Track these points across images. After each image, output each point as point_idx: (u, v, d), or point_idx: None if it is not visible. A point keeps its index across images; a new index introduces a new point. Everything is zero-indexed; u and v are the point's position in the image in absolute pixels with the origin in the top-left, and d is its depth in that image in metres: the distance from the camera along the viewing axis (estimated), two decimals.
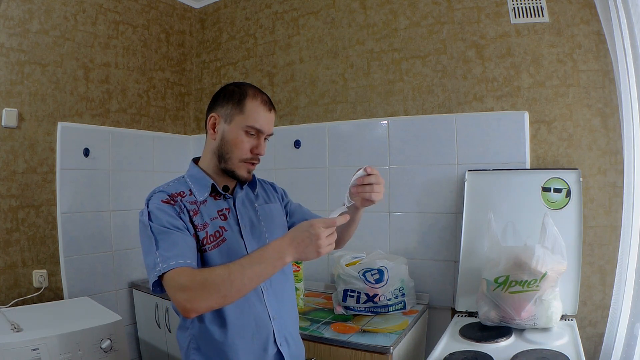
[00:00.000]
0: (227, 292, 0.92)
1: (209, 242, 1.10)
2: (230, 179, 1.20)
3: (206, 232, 1.10)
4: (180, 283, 0.94)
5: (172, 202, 1.09)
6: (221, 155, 1.16)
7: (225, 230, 1.13)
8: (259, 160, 1.18)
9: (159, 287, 1.00)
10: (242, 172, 1.16)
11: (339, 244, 1.28)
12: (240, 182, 1.21)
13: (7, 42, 2.02)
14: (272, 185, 1.40)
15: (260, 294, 1.15)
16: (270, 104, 1.18)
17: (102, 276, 2.37)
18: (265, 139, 1.18)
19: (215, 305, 0.96)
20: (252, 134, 1.14)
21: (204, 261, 1.08)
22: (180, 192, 1.14)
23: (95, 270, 2.33)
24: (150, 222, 1.05)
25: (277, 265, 0.94)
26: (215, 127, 1.17)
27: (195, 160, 1.26)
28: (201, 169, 1.21)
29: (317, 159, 2.40)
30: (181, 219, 1.07)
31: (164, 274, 0.96)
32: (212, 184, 1.17)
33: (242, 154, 1.14)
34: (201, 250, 1.09)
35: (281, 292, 1.21)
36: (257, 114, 1.14)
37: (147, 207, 1.09)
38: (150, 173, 2.66)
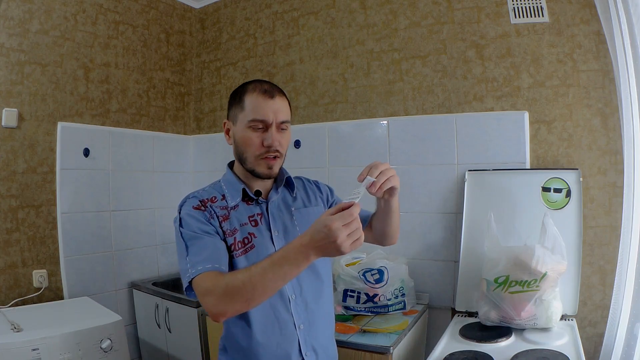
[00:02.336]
0: (250, 295, 0.89)
1: (237, 248, 1.08)
2: (265, 182, 1.17)
3: (234, 238, 1.08)
4: (206, 288, 0.94)
5: (202, 208, 1.09)
6: (240, 158, 1.15)
7: (255, 237, 1.10)
8: (277, 152, 1.12)
9: (191, 291, 1.00)
10: (261, 168, 1.12)
11: (384, 239, 1.24)
12: (262, 178, 1.15)
13: (7, 42, 2.02)
14: (317, 185, 1.35)
15: (287, 302, 1.11)
16: (271, 92, 1.12)
17: (102, 276, 2.37)
18: (281, 128, 1.12)
19: (241, 309, 0.93)
20: (259, 128, 1.09)
21: (233, 268, 1.06)
22: (212, 198, 1.13)
23: (95, 270, 2.33)
24: (181, 229, 1.06)
25: (302, 265, 0.87)
26: (229, 133, 1.17)
27: (231, 165, 1.24)
28: (234, 173, 1.19)
29: (317, 159, 2.40)
30: (211, 224, 1.07)
31: (193, 279, 0.97)
32: (243, 189, 1.15)
33: (254, 150, 1.10)
34: (230, 256, 1.07)
35: (314, 299, 1.15)
36: (257, 105, 1.09)
37: (179, 213, 1.10)
38: (150, 173, 2.66)
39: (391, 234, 1.22)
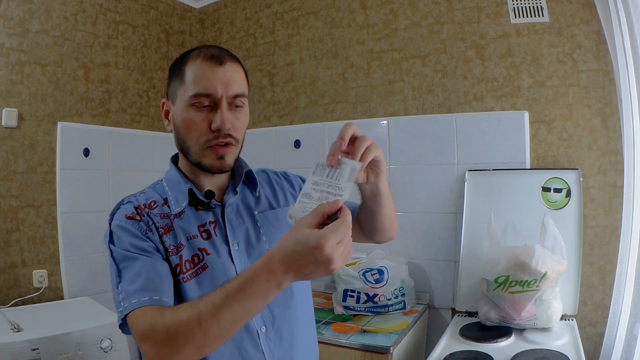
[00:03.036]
0: (202, 341, 0.65)
1: (185, 270, 0.82)
2: (218, 179, 0.92)
3: (180, 256, 0.82)
4: (142, 331, 0.71)
5: (137, 217, 0.84)
6: (182, 148, 0.89)
7: (208, 254, 0.84)
8: (231, 137, 0.85)
9: (127, 330, 0.78)
10: (209, 160, 0.85)
11: (378, 234, 0.97)
12: (212, 172, 0.88)
13: (7, 42, 2.02)
14: (286, 177, 1.07)
15: (256, 337, 0.84)
16: (220, 57, 0.84)
17: (102, 276, 2.37)
18: (235, 105, 0.85)
19: (193, 358, 0.68)
20: (205, 106, 0.83)
21: (180, 296, 0.81)
22: (150, 203, 0.88)
23: (95, 270, 2.33)
24: (111, 246, 0.82)
25: (271, 296, 0.64)
26: (168, 116, 0.91)
27: (175, 159, 0.98)
28: (178, 169, 0.94)
29: (317, 159, 2.39)
30: (149, 238, 0.82)
31: (126, 315, 0.74)
32: (190, 190, 0.88)
33: (198, 136, 0.83)
34: (175, 281, 0.81)
35: (290, 329, 0.88)
36: (201, 74, 0.82)
37: (110, 225, 0.84)
38: (150, 173, 2.66)
39: (387, 226, 0.95)
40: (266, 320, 0.86)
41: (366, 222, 0.96)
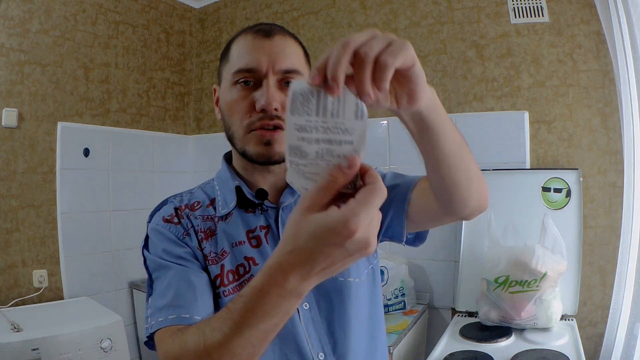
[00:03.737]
0: None
1: (227, 282, 0.71)
2: (275, 176, 0.78)
3: (222, 265, 0.72)
4: (162, 354, 0.62)
5: (175, 220, 0.75)
6: (229, 137, 0.77)
7: (256, 264, 0.72)
8: (280, 119, 0.70)
9: (154, 348, 0.68)
10: (252, 147, 0.72)
11: (448, 200, 0.66)
12: (257, 163, 0.74)
13: (7, 42, 2.02)
14: None
15: (297, 317, 0.71)
16: (269, 30, 0.73)
17: (102, 276, 2.37)
18: (286, 82, 0.71)
19: None
20: (247, 83, 0.71)
21: None
22: (193, 203, 0.78)
23: (95, 270, 2.33)
24: (145, 252, 0.74)
25: (292, 308, 0.48)
26: (218, 103, 0.81)
27: (229, 156, 0.85)
28: (230, 166, 0.82)
29: None
30: (186, 244, 0.73)
31: (153, 333, 0.66)
32: (237, 187, 0.77)
33: (241, 118, 0.72)
34: (215, 294, 0.71)
35: (355, 355, 0.73)
36: (245, 48, 0.72)
37: (147, 227, 0.77)
38: (150, 173, 2.66)
39: (462, 184, 0.63)
40: (325, 347, 0.72)
41: (433, 180, 0.65)
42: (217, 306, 0.70)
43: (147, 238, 0.75)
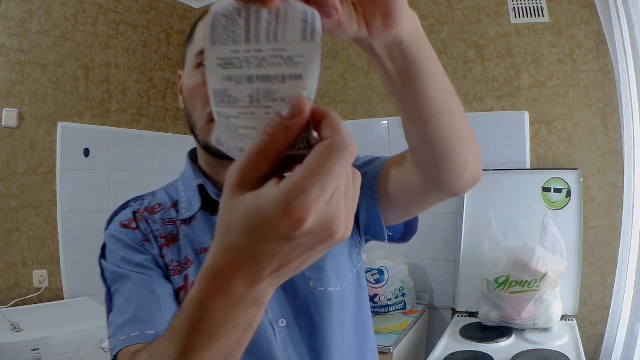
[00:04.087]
0: None
1: None
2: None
3: (185, 276, 0.64)
4: None
5: (133, 224, 0.67)
6: (190, 127, 0.69)
7: None
8: None
9: None
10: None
11: (434, 169, 0.54)
12: (218, 157, 0.67)
13: (7, 42, 2.02)
14: None
15: (273, 337, 0.62)
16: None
17: None
18: None
19: None
20: None
21: None
22: (154, 206, 0.71)
23: (95, 271, 2.30)
24: (102, 261, 0.66)
25: (255, 318, 0.35)
26: (181, 90, 0.72)
27: (194, 152, 0.78)
28: (194, 164, 0.74)
29: None
30: (146, 250, 0.65)
31: (116, 355, 0.56)
32: (200, 186, 0.69)
33: (203, 105, 0.64)
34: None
35: (329, 327, 0.65)
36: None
37: (105, 234, 0.69)
38: (150, 173, 2.66)
39: (451, 145, 0.52)
40: (287, 318, 0.64)
41: (417, 145, 0.53)
42: None
43: (103, 246, 0.67)
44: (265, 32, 0.30)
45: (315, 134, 0.30)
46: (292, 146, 0.29)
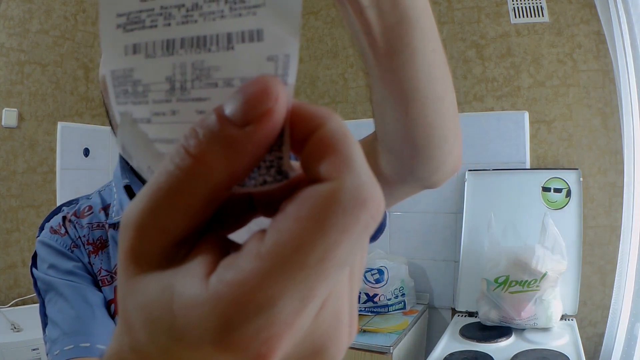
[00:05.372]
0: None
1: None
2: None
3: (115, 288, 0.58)
4: None
5: (62, 230, 0.63)
6: (110, 122, 0.65)
7: None
8: None
9: None
10: None
11: (411, 156, 0.42)
12: None
13: (7, 42, 2.02)
14: None
15: None
16: None
17: None
18: None
19: None
20: None
21: None
22: (84, 209, 0.66)
23: None
24: (34, 270, 0.62)
25: None
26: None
27: None
28: (127, 163, 0.68)
29: None
30: (76, 257, 0.61)
31: None
32: (127, 186, 0.65)
33: None
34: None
35: None
36: None
37: (36, 241, 0.65)
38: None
39: (441, 125, 0.41)
40: None
41: (393, 129, 0.41)
42: None
43: (35, 255, 0.62)
44: None
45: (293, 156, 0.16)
46: (245, 178, 0.16)
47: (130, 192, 0.63)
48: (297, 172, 0.16)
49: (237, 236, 0.17)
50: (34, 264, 0.62)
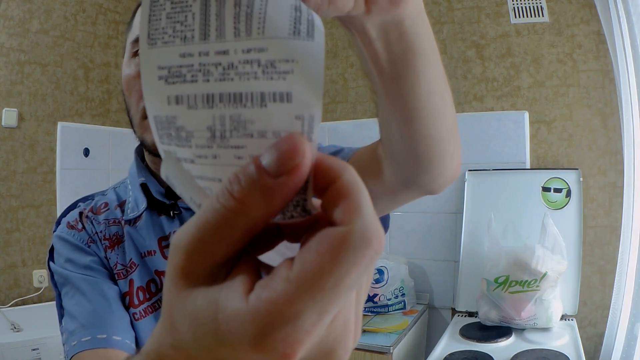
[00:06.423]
0: None
1: (137, 302, 0.60)
2: None
3: (130, 281, 0.61)
4: None
5: (79, 225, 0.64)
6: (129, 120, 0.64)
7: None
8: None
9: None
10: (150, 135, 0.58)
11: (412, 165, 0.46)
12: (157, 155, 0.59)
13: (7, 42, 2.02)
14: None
15: None
16: None
17: None
18: None
19: None
20: None
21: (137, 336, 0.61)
22: (100, 206, 0.67)
23: None
24: (51, 264, 0.64)
25: None
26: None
27: (141, 148, 0.71)
28: (141, 160, 0.69)
29: None
30: (93, 252, 0.63)
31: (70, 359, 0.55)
32: (143, 184, 0.65)
33: (138, 98, 0.60)
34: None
35: None
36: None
37: (53, 236, 0.67)
38: None
39: (442, 138, 0.45)
40: None
41: (398, 140, 0.45)
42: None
43: (52, 249, 0.65)
44: (232, 21, 0.19)
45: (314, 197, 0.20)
46: (281, 214, 0.20)
47: (146, 190, 0.65)
48: (317, 209, 0.20)
49: (266, 257, 0.21)
50: (51, 257, 0.64)
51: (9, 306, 1.94)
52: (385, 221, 0.63)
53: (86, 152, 2.31)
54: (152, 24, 0.20)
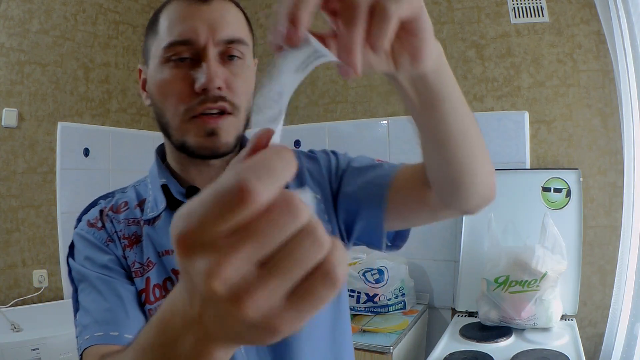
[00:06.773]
0: None
1: (153, 299, 0.61)
2: (216, 170, 0.65)
3: (147, 279, 0.62)
4: None
5: (99, 224, 0.65)
6: (162, 126, 0.65)
7: None
8: (224, 100, 0.59)
9: None
10: (194, 137, 0.60)
11: (447, 189, 0.55)
12: (201, 157, 0.63)
13: (7, 42, 2.02)
14: (310, 156, 0.78)
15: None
16: None
17: None
18: (228, 55, 0.61)
19: None
20: (181, 59, 0.60)
21: None
22: (120, 204, 0.68)
23: None
24: (70, 261, 0.65)
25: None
26: (145, 87, 0.70)
27: (162, 149, 0.73)
28: (162, 161, 0.71)
29: None
30: (111, 251, 0.64)
31: (83, 352, 0.57)
32: (164, 185, 0.66)
33: (177, 103, 0.60)
34: (143, 311, 0.62)
35: (291, 342, 0.63)
36: (176, 17, 0.60)
37: (74, 232, 0.67)
38: None
39: (470, 165, 0.51)
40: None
41: (434, 167, 0.54)
42: None
43: (72, 245, 0.65)
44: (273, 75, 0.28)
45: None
46: None
47: (166, 191, 0.66)
48: None
49: None
50: (71, 254, 0.65)
51: (9, 306, 1.94)
52: (405, 233, 0.72)
53: (86, 152, 2.31)
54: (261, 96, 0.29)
